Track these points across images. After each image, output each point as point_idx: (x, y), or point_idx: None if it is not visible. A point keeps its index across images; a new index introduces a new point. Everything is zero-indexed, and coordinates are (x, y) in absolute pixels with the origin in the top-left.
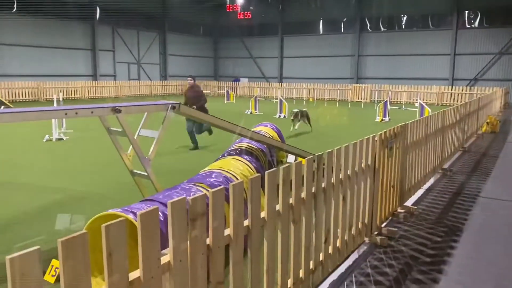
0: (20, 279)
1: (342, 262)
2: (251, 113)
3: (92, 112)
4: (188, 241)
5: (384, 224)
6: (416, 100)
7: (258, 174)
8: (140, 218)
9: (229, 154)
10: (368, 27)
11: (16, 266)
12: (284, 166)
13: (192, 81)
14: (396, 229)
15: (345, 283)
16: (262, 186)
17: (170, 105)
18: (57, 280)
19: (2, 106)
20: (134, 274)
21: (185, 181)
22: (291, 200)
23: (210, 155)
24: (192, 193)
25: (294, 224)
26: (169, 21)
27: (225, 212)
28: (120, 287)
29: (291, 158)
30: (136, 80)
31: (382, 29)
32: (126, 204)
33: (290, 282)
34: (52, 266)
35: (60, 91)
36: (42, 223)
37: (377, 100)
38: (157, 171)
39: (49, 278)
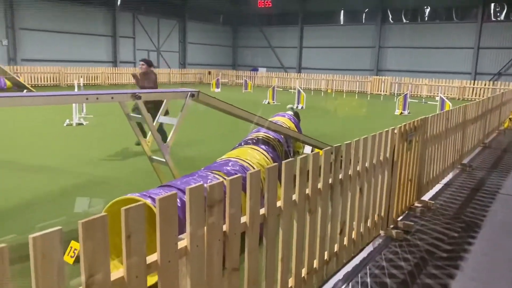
0: (42, 257)
1: (357, 254)
2: (268, 103)
3: (112, 98)
4: (205, 227)
5: (401, 217)
6: (437, 94)
7: (275, 163)
8: (159, 203)
9: (246, 143)
10: (390, 19)
11: (38, 245)
12: (301, 156)
13: (145, 66)
14: (412, 223)
15: (359, 275)
16: (279, 176)
17: (189, 93)
18: (76, 261)
19: (25, 90)
20: (151, 258)
21: (202, 168)
22: (307, 191)
23: (227, 143)
24: (209, 181)
25: (310, 214)
26: (190, 9)
27: (241, 201)
28: (138, 269)
29: (307, 149)
30: (155, 68)
31: (404, 20)
32: (144, 189)
33: (304, 271)
34: (71, 247)
35: (81, 77)
36: (61, 205)
37: (396, 93)
38: (174, 158)
39: (68, 259)
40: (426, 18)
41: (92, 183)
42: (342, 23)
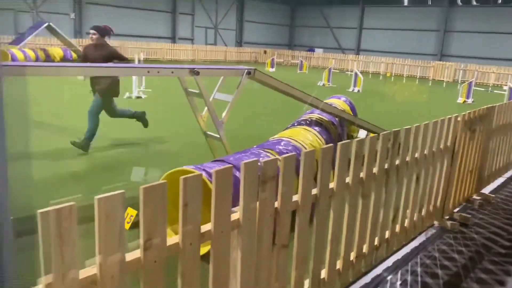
0: (105, 218)
1: (408, 243)
2: (323, 85)
3: (172, 72)
4: (258, 202)
5: (457, 209)
6: (505, 82)
7: (330, 144)
8: (215, 175)
9: (299, 124)
10: (459, 1)
11: (102, 206)
12: (357, 139)
13: (97, 36)
14: (469, 215)
15: (410, 263)
16: (333, 158)
17: (245, 71)
18: (132, 227)
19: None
20: (205, 227)
21: (255, 146)
22: (362, 174)
23: (280, 123)
24: (261, 158)
25: (362, 199)
26: None
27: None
28: (193, 237)
29: (362, 133)
30: (213, 45)
31: (474, 3)
32: (197, 163)
33: (352, 255)
34: (128, 213)
35: (141, 52)
36: (118, 173)
37: (460, 80)
38: (227, 134)
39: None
40: (499, 1)
41: (148, 154)
42: (406, 4)
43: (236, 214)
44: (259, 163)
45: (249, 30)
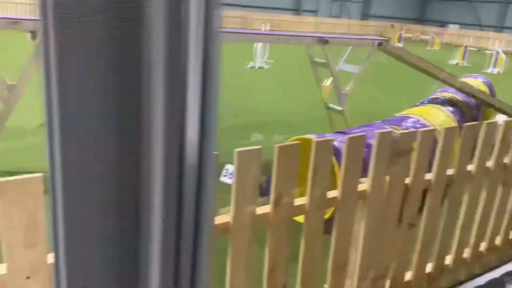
0: (243, 169)
1: None
2: (457, 63)
3: (301, 41)
4: (388, 176)
5: None
6: None
7: (475, 122)
8: (348, 141)
9: (430, 102)
10: None
11: (241, 158)
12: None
13: None
14: None
15: None
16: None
17: (377, 41)
18: None
19: None
20: (332, 193)
21: (379, 121)
22: (506, 160)
23: (405, 100)
24: None
25: (503, 186)
26: None
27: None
28: (320, 200)
29: (499, 118)
30: (336, 18)
31: None
32: (317, 134)
33: (483, 245)
34: None
35: (266, 23)
36: (238, 137)
37: None
38: (348, 108)
39: None
40: None
41: (268, 123)
42: None
43: (364, 185)
44: (393, 134)
45: (377, 2)
